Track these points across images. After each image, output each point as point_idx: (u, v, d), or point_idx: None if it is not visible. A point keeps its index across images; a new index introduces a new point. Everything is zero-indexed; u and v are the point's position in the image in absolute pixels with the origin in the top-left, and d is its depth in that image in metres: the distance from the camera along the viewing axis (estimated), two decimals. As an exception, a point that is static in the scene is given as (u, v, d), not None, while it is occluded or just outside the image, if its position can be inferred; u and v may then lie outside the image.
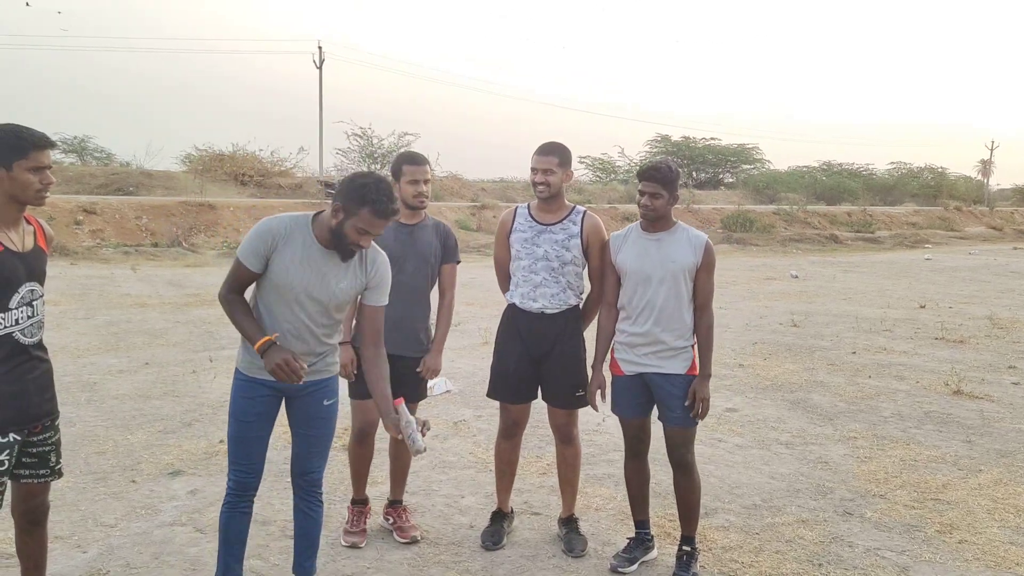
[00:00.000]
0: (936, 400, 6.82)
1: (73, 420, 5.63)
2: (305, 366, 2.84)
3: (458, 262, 4.05)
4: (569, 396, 3.83)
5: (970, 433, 5.87)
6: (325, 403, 3.13)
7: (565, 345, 3.81)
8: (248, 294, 3.06)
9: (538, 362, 3.82)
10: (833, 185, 42.59)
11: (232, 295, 2.96)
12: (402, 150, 3.92)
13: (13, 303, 2.64)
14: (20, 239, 2.69)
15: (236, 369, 3.09)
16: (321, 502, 3.23)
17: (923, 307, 12.48)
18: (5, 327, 2.62)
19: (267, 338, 2.84)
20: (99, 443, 5.23)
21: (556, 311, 3.78)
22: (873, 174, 48.86)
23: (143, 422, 5.71)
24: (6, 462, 2.65)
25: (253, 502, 3.15)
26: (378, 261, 3.11)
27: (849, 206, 38.73)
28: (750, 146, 49.22)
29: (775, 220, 30.92)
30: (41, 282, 2.78)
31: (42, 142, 2.63)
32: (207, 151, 29.69)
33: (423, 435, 3.00)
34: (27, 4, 28.75)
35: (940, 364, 8.24)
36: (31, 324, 2.71)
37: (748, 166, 49.27)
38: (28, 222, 2.77)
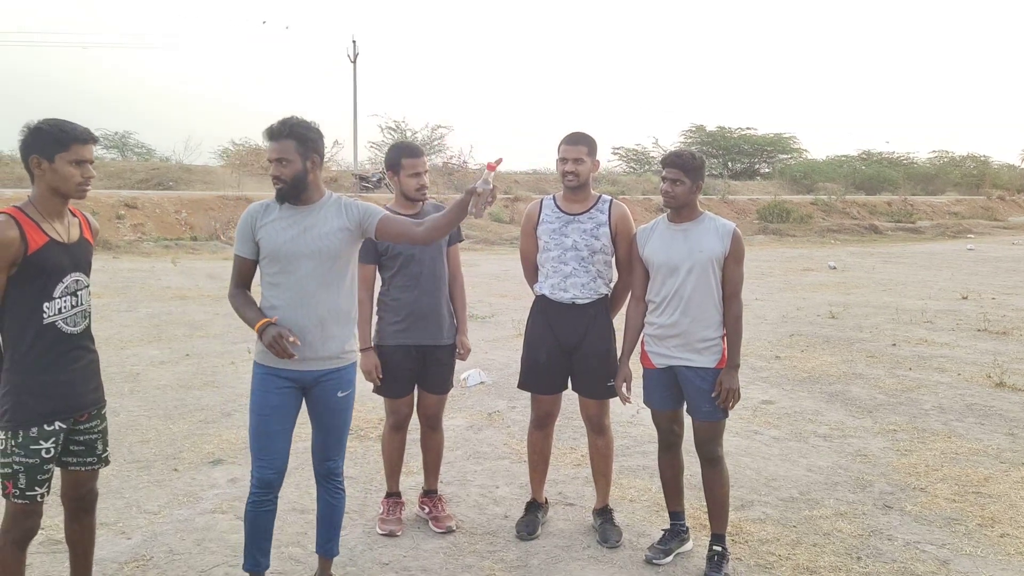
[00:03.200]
0: (978, 392, 6.70)
1: (117, 410, 5.76)
2: (297, 340, 2.91)
3: (461, 241, 4.08)
4: (600, 386, 3.83)
5: (1013, 426, 5.76)
6: (339, 395, 3.14)
7: (596, 335, 3.81)
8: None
9: (569, 353, 3.83)
10: (873, 174, 41.80)
11: (236, 290, 3.14)
12: (398, 142, 3.90)
13: (57, 292, 2.71)
14: (65, 230, 2.76)
15: (254, 362, 3.14)
16: (342, 489, 3.29)
17: (965, 298, 12.24)
18: (49, 316, 2.69)
19: (265, 320, 2.95)
20: (142, 432, 5.35)
21: (587, 301, 3.78)
22: (914, 163, 47.91)
23: (184, 412, 5.83)
24: (52, 450, 2.72)
25: (277, 498, 3.17)
26: (348, 201, 3.16)
27: (889, 196, 38.05)
28: (787, 136, 48.52)
29: (813, 210, 30.48)
30: (86, 273, 2.84)
31: (84, 136, 2.70)
32: (244, 146, 30.09)
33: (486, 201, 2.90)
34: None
35: (982, 356, 8.08)
36: (74, 314, 2.77)
37: (785, 156, 48.58)
38: (73, 214, 2.84)
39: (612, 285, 3.91)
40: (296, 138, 2.99)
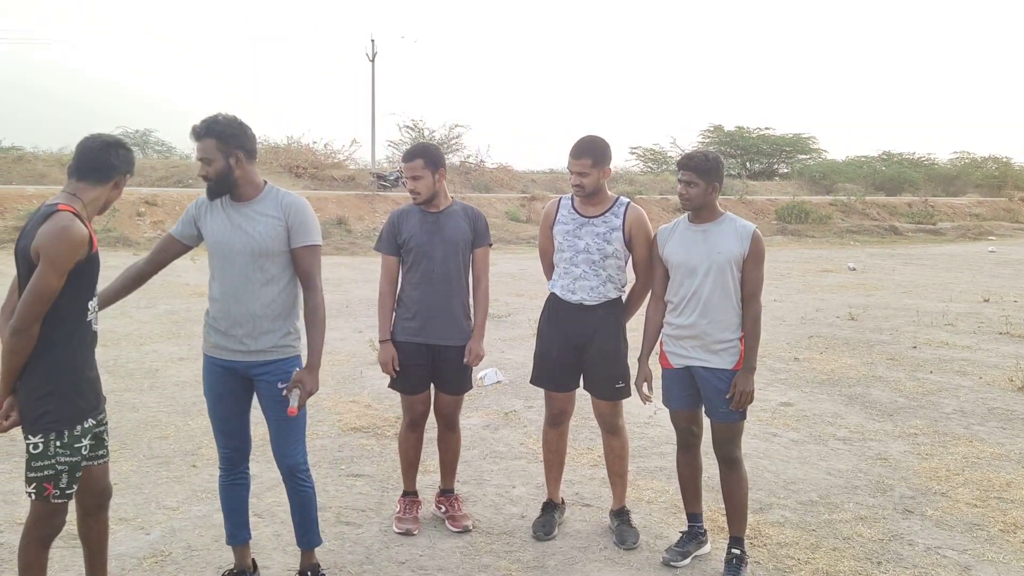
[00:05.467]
0: (1000, 396, 6.62)
1: (136, 406, 5.80)
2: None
3: (490, 245, 4.03)
4: (609, 388, 3.84)
5: (1037, 431, 5.69)
6: (279, 385, 3.14)
7: (604, 337, 3.80)
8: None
9: (579, 351, 3.83)
10: (893, 175, 41.43)
11: (140, 260, 3.24)
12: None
13: (96, 291, 2.80)
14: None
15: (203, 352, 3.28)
16: (308, 485, 3.31)
17: (987, 301, 12.10)
18: (90, 315, 2.76)
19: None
20: (161, 428, 5.38)
21: (595, 303, 3.78)
22: (935, 164, 47.43)
23: (203, 408, 5.77)
24: (88, 446, 2.77)
25: (247, 474, 3.39)
26: (290, 202, 3.15)
27: (910, 196, 37.70)
28: (806, 136, 48.16)
29: (832, 211, 30.22)
30: None
31: None
32: (262, 144, 30.19)
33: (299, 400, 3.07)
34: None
35: (1004, 359, 7.98)
36: (96, 311, 2.84)
37: (804, 156, 48.23)
38: None
39: (626, 288, 3.90)
40: (216, 136, 3.03)
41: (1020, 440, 5.47)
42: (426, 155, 3.84)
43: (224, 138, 3.03)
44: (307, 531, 3.35)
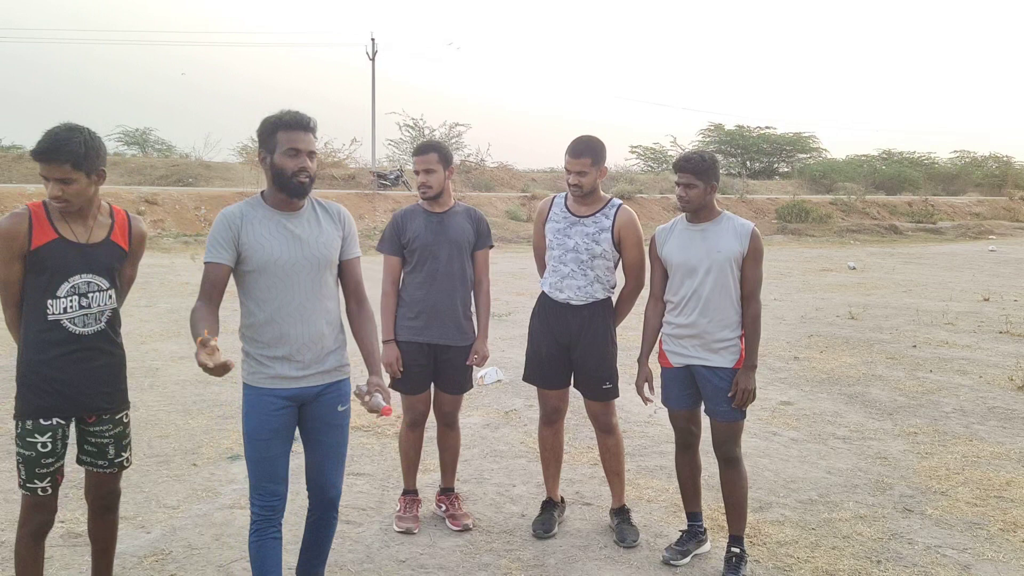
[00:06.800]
0: (1000, 395, 6.62)
1: (137, 404, 5.80)
2: (221, 358, 2.45)
3: (491, 247, 4.05)
4: (596, 388, 3.85)
5: (1036, 430, 5.69)
6: (339, 408, 2.97)
7: (591, 337, 3.81)
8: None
9: (567, 349, 3.84)
10: (893, 174, 41.48)
11: (200, 303, 2.80)
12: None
13: (62, 291, 2.70)
14: (86, 231, 2.75)
15: (244, 384, 2.94)
16: (336, 516, 3.08)
17: (987, 300, 12.11)
18: (54, 314, 2.70)
19: (200, 337, 2.54)
20: (162, 427, 5.38)
21: (581, 303, 3.79)
22: (935, 163, 47.45)
23: (203, 407, 5.86)
24: (49, 445, 2.71)
25: (281, 525, 2.90)
26: (342, 210, 3.05)
27: (910, 196, 37.71)
28: (806, 135, 48.20)
29: (832, 210, 30.26)
30: (105, 275, 2.81)
31: (40, 155, 2.62)
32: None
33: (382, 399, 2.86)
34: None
35: (1004, 359, 7.99)
36: (82, 314, 2.74)
37: (804, 155, 48.26)
38: (114, 215, 2.86)
39: (616, 289, 3.90)
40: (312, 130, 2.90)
41: (1020, 439, 5.47)
42: (440, 150, 3.88)
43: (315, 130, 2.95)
44: (320, 563, 3.12)
